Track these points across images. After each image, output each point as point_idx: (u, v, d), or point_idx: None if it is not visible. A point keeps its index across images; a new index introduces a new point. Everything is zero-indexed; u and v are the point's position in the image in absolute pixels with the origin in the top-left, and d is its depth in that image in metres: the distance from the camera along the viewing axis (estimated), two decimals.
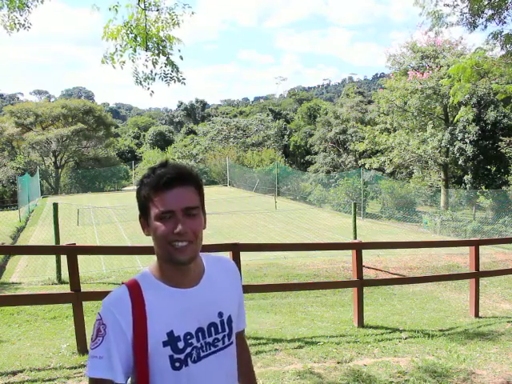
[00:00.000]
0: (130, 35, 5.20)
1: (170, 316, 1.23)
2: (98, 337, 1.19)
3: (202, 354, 1.27)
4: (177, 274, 1.27)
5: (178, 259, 1.22)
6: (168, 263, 1.25)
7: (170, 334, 1.22)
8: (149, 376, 1.21)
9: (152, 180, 1.22)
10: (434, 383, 3.75)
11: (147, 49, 5.29)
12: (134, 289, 1.23)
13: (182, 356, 1.23)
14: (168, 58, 5.42)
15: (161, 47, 5.33)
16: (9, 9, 5.41)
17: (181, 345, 1.23)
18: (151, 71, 5.42)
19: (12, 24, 5.52)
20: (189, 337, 1.25)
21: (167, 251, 1.22)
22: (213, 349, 1.29)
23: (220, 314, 1.32)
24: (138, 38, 5.22)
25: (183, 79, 5.56)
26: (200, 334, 1.27)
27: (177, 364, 1.22)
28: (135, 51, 5.25)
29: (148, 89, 5.50)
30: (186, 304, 1.26)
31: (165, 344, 1.21)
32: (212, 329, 1.30)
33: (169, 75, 5.49)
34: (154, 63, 5.36)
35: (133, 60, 5.26)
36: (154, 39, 5.30)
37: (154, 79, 5.45)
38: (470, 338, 5.17)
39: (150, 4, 5.24)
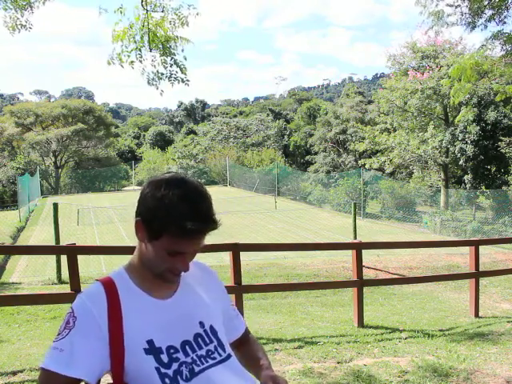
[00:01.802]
0: (137, 36, 5.23)
1: (149, 325, 1.17)
2: (64, 329, 1.13)
3: (197, 369, 1.18)
4: (157, 284, 1.24)
5: (171, 281, 1.23)
6: (155, 277, 1.22)
7: (151, 342, 1.15)
8: (123, 378, 1.15)
9: (184, 223, 1.12)
10: (434, 383, 3.75)
11: (151, 49, 5.31)
12: (110, 287, 1.19)
13: (169, 372, 1.15)
14: (173, 58, 5.45)
15: (166, 48, 5.35)
16: (12, 9, 5.41)
17: (164, 358, 1.15)
18: (157, 71, 5.45)
19: (14, 25, 5.53)
20: (172, 350, 1.17)
21: (163, 274, 1.21)
22: (210, 361, 1.21)
23: (201, 324, 1.25)
24: (144, 39, 5.24)
25: (187, 80, 5.59)
26: (188, 348, 1.20)
27: (167, 381, 1.14)
28: (141, 52, 5.28)
29: (157, 88, 5.53)
30: (164, 316, 1.20)
31: (147, 352, 1.15)
32: (199, 340, 1.23)
33: (173, 76, 5.51)
34: (164, 63, 5.39)
35: (140, 61, 5.29)
36: (162, 40, 5.31)
37: (161, 79, 5.49)
38: (470, 338, 5.17)
39: (155, 5, 5.25)
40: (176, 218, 1.12)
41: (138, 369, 1.14)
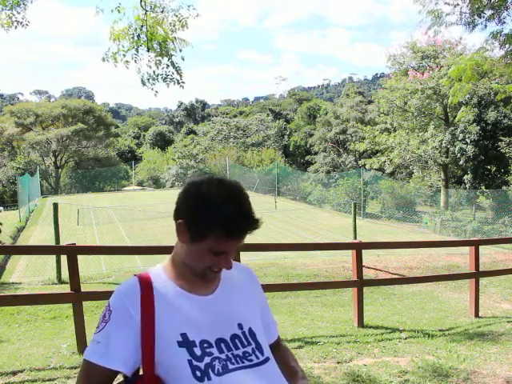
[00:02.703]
0: (135, 36, 5.21)
1: (183, 319, 1.20)
2: (101, 322, 1.20)
3: (232, 367, 1.19)
4: (196, 282, 1.26)
5: (207, 279, 1.26)
6: (195, 275, 1.26)
7: (184, 335, 1.18)
8: (154, 370, 1.18)
9: (229, 223, 1.16)
10: (434, 383, 3.75)
11: (149, 49, 5.30)
12: (145, 282, 1.23)
13: (201, 365, 1.16)
14: (170, 59, 5.43)
15: (164, 48, 5.34)
16: (5, 6, 5.40)
17: (197, 351, 1.18)
18: (154, 72, 5.44)
19: (9, 22, 5.52)
20: (206, 345, 1.19)
21: (203, 271, 1.24)
22: (246, 363, 1.22)
23: (240, 326, 1.26)
24: (142, 38, 5.23)
25: (183, 82, 5.57)
26: (223, 345, 1.21)
27: (198, 373, 1.16)
28: (137, 51, 5.26)
29: (152, 89, 5.52)
30: (201, 311, 1.23)
31: (180, 344, 1.17)
32: (236, 341, 1.24)
33: (169, 77, 5.50)
34: (157, 64, 5.37)
35: (135, 61, 5.27)
36: (158, 40, 5.30)
37: (157, 80, 5.47)
38: (469, 338, 5.17)
39: (155, 6, 5.25)
40: (222, 218, 1.15)
41: (171, 361, 1.17)
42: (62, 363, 4.24)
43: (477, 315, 6.42)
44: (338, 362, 4.27)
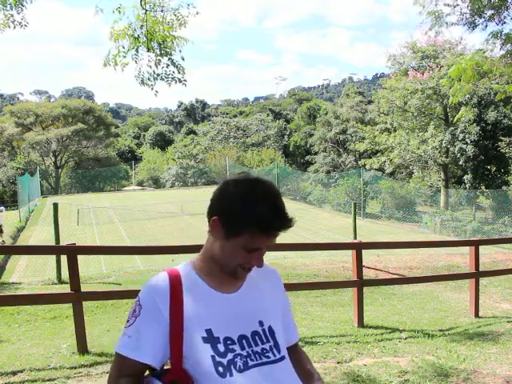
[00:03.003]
0: (135, 36, 5.20)
1: (209, 316, 1.23)
2: (132, 317, 1.24)
3: (251, 363, 1.22)
4: (224, 279, 1.29)
5: (241, 277, 1.29)
6: (224, 272, 1.28)
7: (209, 331, 1.22)
8: (182, 364, 1.21)
9: (264, 220, 1.19)
10: (434, 383, 3.75)
11: (149, 49, 5.29)
12: (175, 277, 1.26)
13: (224, 361, 1.20)
14: (170, 58, 5.42)
15: (164, 48, 5.33)
16: (5, 7, 5.39)
17: (221, 348, 1.21)
18: (153, 71, 5.43)
19: (6, 22, 5.51)
20: (229, 342, 1.23)
21: (234, 269, 1.27)
22: (264, 359, 1.25)
23: (261, 323, 1.29)
24: (142, 38, 5.22)
25: (185, 80, 5.56)
26: (244, 342, 1.24)
27: (220, 369, 1.19)
28: (138, 52, 5.25)
29: (152, 89, 5.51)
30: (225, 308, 1.26)
31: (205, 340, 1.20)
32: (256, 337, 1.27)
33: (170, 76, 5.49)
34: (157, 64, 5.36)
35: (136, 61, 5.26)
36: (159, 40, 5.29)
37: (157, 79, 5.46)
38: (469, 338, 5.17)
39: (154, 5, 5.24)
40: (257, 216, 1.19)
41: (196, 356, 1.20)
42: (62, 363, 4.24)
43: (477, 315, 6.42)
44: (338, 362, 4.27)
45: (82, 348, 4.49)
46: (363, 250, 5.94)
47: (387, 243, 9.21)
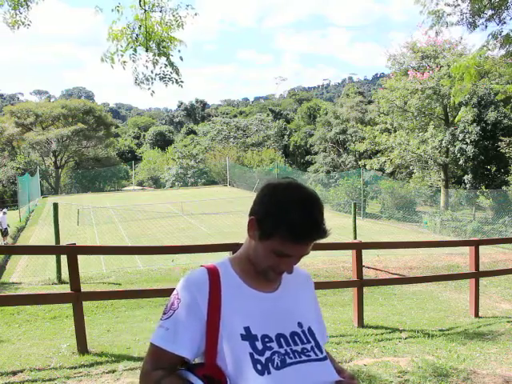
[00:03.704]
0: (133, 36, 5.20)
1: (247, 313, 1.24)
2: (170, 310, 1.25)
3: (289, 361, 1.22)
4: (259, 279, 1.30)
5: (272, 279, 1.29)
6: (258, 272, 1.29)
7: (247, 329, 1.21)
8: (216, 360, 1.21)
9: (295, 227, 1.19)
10: (434, 383, 3.75)
11: (147, 49, 5.29)
12: (214, 274, 1.26)
13: (262, 359, 1.19)
14: (168, 58, 5.42)
15: (162, 48, 5.33)
16: (10, 6, 5.40)
17: (259, 345, 1.21)
18: (151, 71, 5.42)
19: (14, 21, 5.53)
20: (267, 339, 1.22)
21: (265, 271, 1.27)
22: (304, 358, 1.24)
23: (300, 325, 1.29)
24: (140, 38, 5.22)
25: (181, 81, 5.56)
26: (283, 340, 1.24)
27: (259, 367, 1.18)
28: (136, 51, 5.25)
29: (149, 89, 5.50)
30: (263, 307, 1.26)
31: (243, 337, 1.20)
32: (296, 337, 1.26)
33: (167, 76, 5.49)
34: (155, 64, 5.35)
35: (133, 60, 5.26)
36: (157, 40, 5.29)
37: (154, 79, 5.45)
38: (469, 338, 5.17)
39: (153, 5, 5.24)
40: (288, 221, 1.19)
41: (233, 352, 1.20)
42: (62, 363, 4.24)
43: (477, 315, 6.42)
44: (338, 362, 4.26)
45: (82, 348, 4.48)
46: (363, 250, 5.94)
47: (387, 243, 9.21)
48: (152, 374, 1.23)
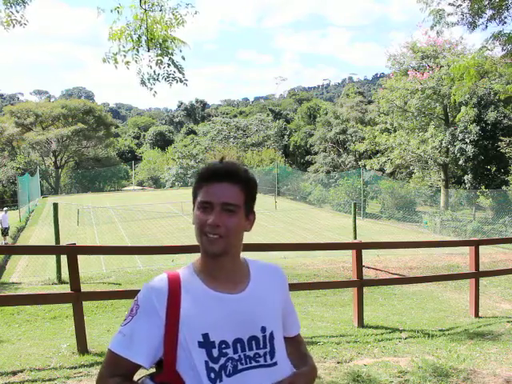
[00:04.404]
0: (134, 36, 5.18)
1: (207, 319, 1.21)
2: (129, 316, 1.24)
3: (240, 367, 1.22)
4: (214, 269, 1.27)
5: (208, 249, 1.24)
6: (203, 254, 1.27)
7: (206, 336, 1.20)
8: (175, 366, 1.20)
9: (201, 172, 1.28)
10: (434, 383, 3.75)
11: (149, 49, 5.28)
12: (174, 280, 1.25)
13: (216, 367, 1.19)
14: (171, 58, 5.41)
15: (164, 48, 5.32)
16: (4, 5, 5.38)
17: (215, 353, 1.20)
18: (154, 71, 5.41)
19: (8, 20, 5.50)
20: (224, 345, 1.21)
21: (201, 240, 1.25)
22: (254, 363, 1.23)
23: (263, 329, 1.27)
24: (142, 39, 5.21)
25: (186, 80, 5.55)
26: (239, 346, 1.23)
27: (212, 375, 1.19)
28: (138, 52, 5.24)
29: (151, 89, 5.49)
30: (226, 311, 1.23)
31: (200, 345, 1.19)
32: (253, 342, 1.25)
33: (171, 76, 5.47)
34: (159, 63, 5.34)
35: (136, 61, 5.25)
36: (159, 40, 5.28)
37: (157, 79, 5.44)
38: (470, 338, 5.17)
39: (153, 4, 5.22)
40: (199, 173, 1.29)
41: (189, 360, 1.20)
42: (62, 363, 4.24)
43: (477, 315, 6.42)
44: (338, 362, 4.27)
45: (82, 348, 4.48)
46: (363, 250, 5.93)
47: (387, 243, 9.21)
48: (108, 381, 1.22)
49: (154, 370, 1.28)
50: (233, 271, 1.29)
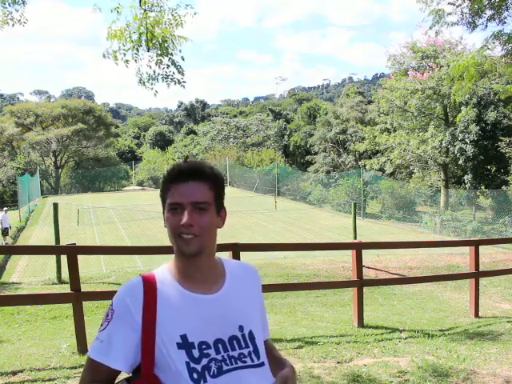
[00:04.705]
0: (134, 36, 5.18)
1: (184, 320, 1.20)
2: (104, 321, 1.23)
3: (226, 368, 1.20)
4: (190, 269, 1.25)
5: (183, 250, 1.23)
6: (179, 255, 1.26)
7: (184, 337, 1.19)
8: (153, 370, 1.19)
9: (167, 173, 1.27)
10: (434, 383, 3.75)
11: (149, 49, 5.28)
12: (149, 282, 1.24)
13: (198, 367, 1.17)
14: (171, 58, 5.40)
15: (164, 47, 5.31)
16: (2, 3, 5.38)
17: (196, 353, 1.18)
18: (154, 71, 5.40)
19: (4, 19, 5.50)
20: (204, 346, 1.19)
21: (176, 242, 1.24)
22: (240, 364, 1.22)
23: (241, 328, 1.26)
24: (142, 38, 5.20)
25: (184, 82, 5.53)
26: (220, 346, 1.21)
27: (195, 375, 1.17)
28: (138, 51, 5.23)
29: (152, 89, 5.48)
30: (203, 312, 1.22)
31: (179, 346, 1.18)
32: (234, 342, 1.23)
33: (170, 76, 5.46)
34: (159, 63, 5.33)
35: (135, 60, 5.24)
36: (159, 40, 5.27)
37: (157, 80, 5.43)
38: (470, 338, 5.17)
39: (152, 5, 5.22)
40: (166, 175, 1.27)
41: (169, 362, 1.18)
42: (62, 363, 4.24)
43: (477, 315, 6.42)
44: (338, 362, 4.27)
45: (82, 348, 4.48)
46: (363, 250, 5.94)
47: (387, 243, 9.22)
48: None
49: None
50: (208, 270, 1.28)
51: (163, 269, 1.29)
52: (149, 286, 1.22)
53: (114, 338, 1.19)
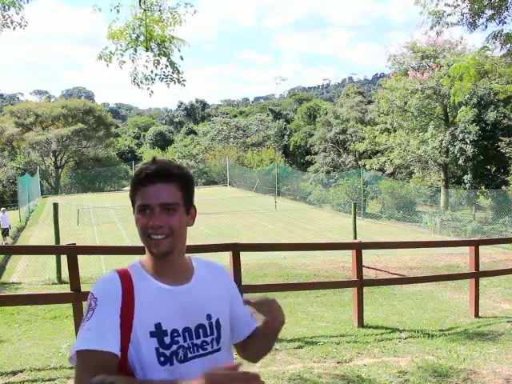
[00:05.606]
0: (133, 35, 5.18)
1: (159, 310, 1.24)
2: (89, 311, 1.22)
3: (190, 355, 1.26)
4: (162, 266, 1.29)
5: (154, 251, 1.26)
6: (151, 255, 1.30)
7: (158, 326, 1.23)
8: (127, 359, 1.21)
9: (135, 175, 1.30)
10: (433, 383, 3.75)
11: (147, 49, 5.27)
12: (124, 275, 1.27)
13: (167, 352, 1.22)
14: (169, 58, 5.40)
15: (163, 48, 5.31)
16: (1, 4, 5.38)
17: (167, 340, 1.23)
18: (151, 71, 5.40)
19: (3, 23, 5.50)
20: (175, 334, 1.24)
21: (146, 243, 1.27)
22: (201, 351, 1.28)
23: (208, 317, 1.31)
24: (141, 38, 5.20)
25: (183, 80, 5.54)
26: (187, 334, 1.26)
27: (162, 359, 1.22)
28: (136, 51, 5.23)
29: (148, 89, 5.48)
30: (175, 301, 1.27)
31: (152, 335, 1.22)
32: (200, 330, 1.29)
33: (169, 76, 5.46)
34: (156, 64, 5.33)
35: (133, 60, 5.24)
36: (158, 40, 5.27)
37: (154, 80, 5.43)
38: (469, 338, 5.17)
39: (151, 4, 5.22)
40: (134, 177, 1.31)
41: (139, 350, 1.21)
42: (62, 363, 4.24)
43: (477, 315, 6.42)
44: (338, 362, 4.27)
45: None
46: (363, 250, 5.94)
47: (387, 243, 9.22)
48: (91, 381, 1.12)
49: None
50: (179, 266, 1.32)
51: (136, 264, 1.33)
52: (125, 278, 1.26)
53: (104, 322, 1.19)
